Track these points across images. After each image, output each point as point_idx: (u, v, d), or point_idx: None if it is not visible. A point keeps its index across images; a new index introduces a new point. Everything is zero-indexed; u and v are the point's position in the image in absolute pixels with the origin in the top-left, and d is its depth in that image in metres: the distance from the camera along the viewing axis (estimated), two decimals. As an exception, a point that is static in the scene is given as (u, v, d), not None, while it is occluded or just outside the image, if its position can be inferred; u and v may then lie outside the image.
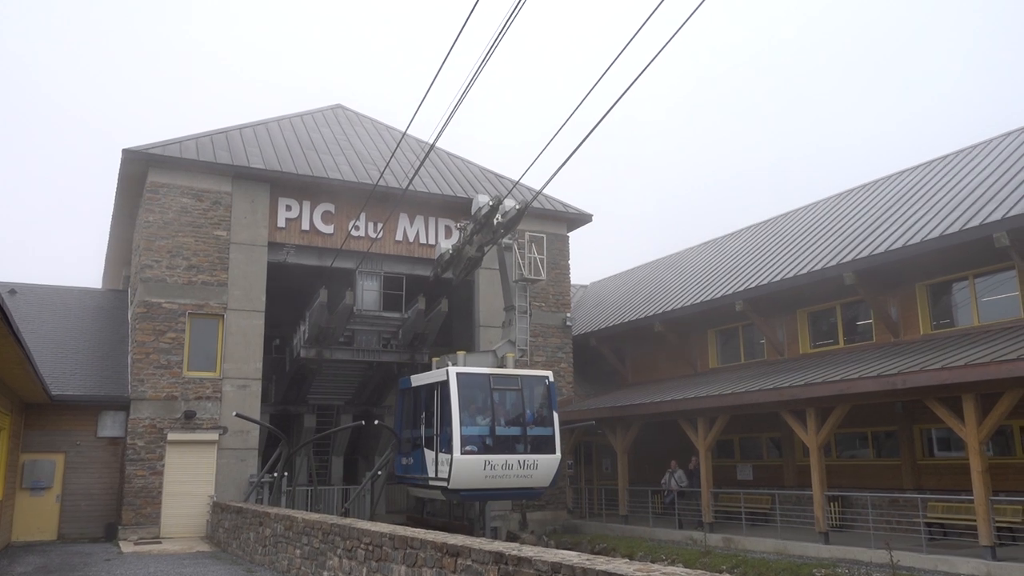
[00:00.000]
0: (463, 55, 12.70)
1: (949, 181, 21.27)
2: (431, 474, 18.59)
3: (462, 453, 17.63)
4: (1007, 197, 17.82)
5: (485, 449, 17.97)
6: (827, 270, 20.88)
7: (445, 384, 18.41)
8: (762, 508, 21.84)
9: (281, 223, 23.83)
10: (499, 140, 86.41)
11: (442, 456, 18.03)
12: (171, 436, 21.21)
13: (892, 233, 20.26)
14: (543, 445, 18.77)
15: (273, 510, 15.85)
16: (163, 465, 21.05)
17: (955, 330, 19.20)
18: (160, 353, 21.49)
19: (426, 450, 18.98)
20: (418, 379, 20.40)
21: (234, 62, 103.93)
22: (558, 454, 19.02)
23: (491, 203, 18.83)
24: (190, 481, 21.30)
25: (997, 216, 17.12)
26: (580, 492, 27.92)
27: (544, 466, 18.60)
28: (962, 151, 23.08)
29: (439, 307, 23.84)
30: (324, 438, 25.13)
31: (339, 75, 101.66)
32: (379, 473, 22.20)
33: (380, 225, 24.34)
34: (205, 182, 22.78)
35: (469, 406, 18.24)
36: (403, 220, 25.36)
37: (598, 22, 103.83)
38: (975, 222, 17.58)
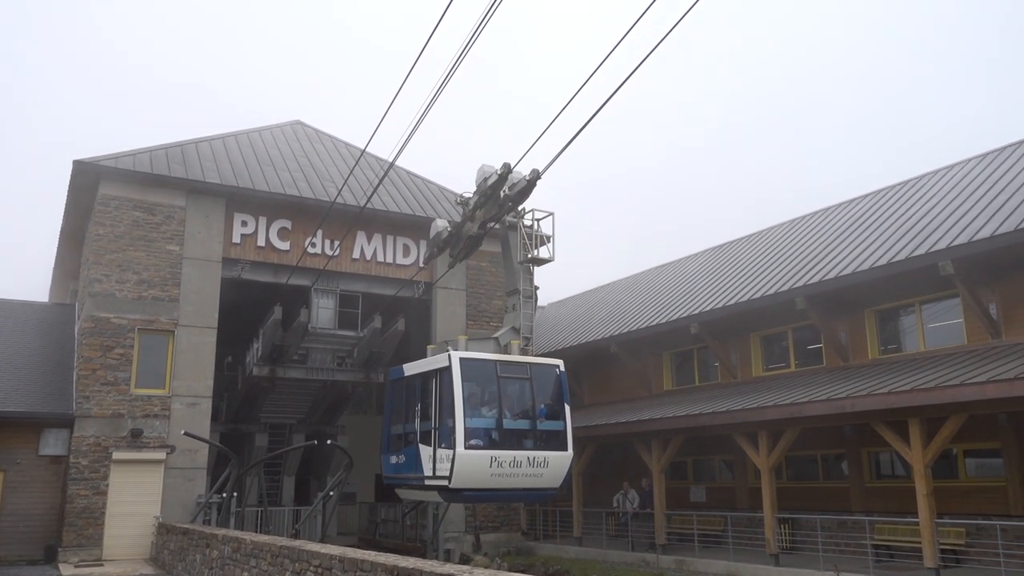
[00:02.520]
0: (428, 71, 12.74)
1: (897, 210, 21.83)
2: (428, 473, 16.31)
3: (466, 448, 15.43)
4: (952, 227, 18.34)
5: (491, 444, 15.84)
6: (779, 295, 21.24)
7: (446, 371, 16.11)
8: (715, 530, 21.99)
9: (236, 239, 23.53)
10: (464, 158, 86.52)
11: (442, 452, 15.81)
12: (116, 455, 20.66)
13: (842, 260, 20.70)
14: (554, 441, 16.70)
15: (220, 531, 15.51)
16: (107, 485, 20.49)
17: (902, 355, 19.64)
18: (107, 369, 20.99)
19: (422, 446, 16.68)
20: (413, 367, 18.00)
21: (193, 77, 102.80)
22: (570, 451, 16.91)
23: (500, 171, 16.26)
24: (135, 501, 20.76)
25: (942, 245, 17.61)
26: (534, 514, 27.82)
27: (555, 464, 16.56)
28: (909, 181, 23.73)
29: (396, 326, 23.72)
30: (276, 458, 24.72)
31: (299, 91, 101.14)
32: (331, 494, 21.87)
33: (337, 243, 24.17)
34: (158, 196, 22.41)
35: (473, 396, 16.15)
36: (360, 238, 25.21)
37: (574, 33, 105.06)
38: (921, 250, 18.05)
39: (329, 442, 22.64)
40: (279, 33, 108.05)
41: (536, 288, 18.41)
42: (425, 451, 16.66)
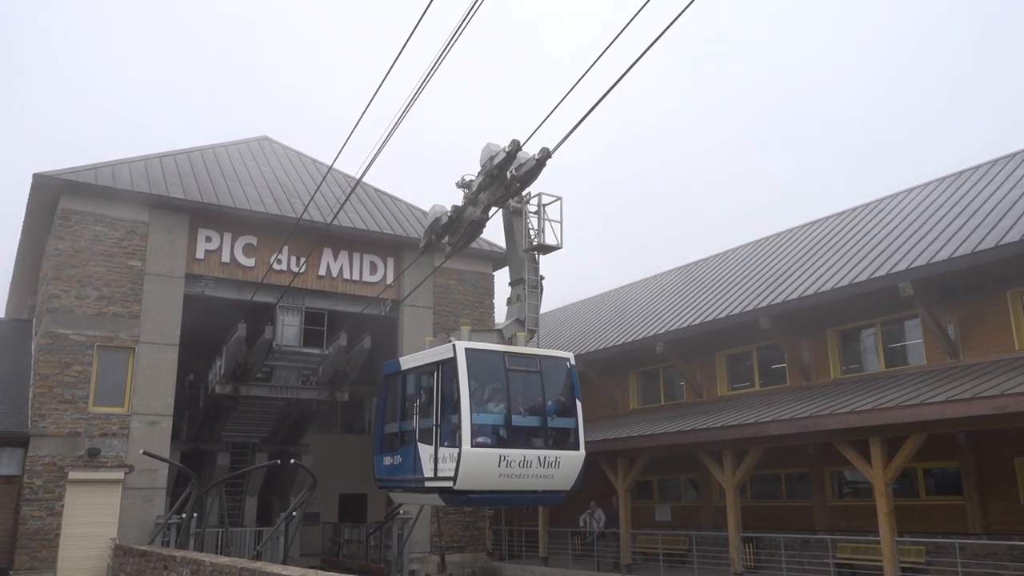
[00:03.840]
0: (402, 86, 12.73)
1: (859, 232, 22.23)
2: (428, 473, 14.94)
3: (473, 445, 14.08)
4: (911, 249, 18.72)
5: (499, 442, 14.56)
6: (744, 314, 21.46)
7: (451, 363, 14.74)
8: (680, 549, 22.02)
9: (200, 255, 23.22)
10: (436, 173, 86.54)
11: (445, 451, 14.49)
12: (72, 475, 20.16)
13: (806, 280, 21.00)
14: (565, 439, 15.42)
15: (179, 553, 15.19)
16: (62, 505, 19.97)
17: (864, 375, 19.92)
18: (64, 387, 20.52)
19: (421, 445, 15.31)
20: (411, 360, 16.59)
21: (157, 90, 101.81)
22: (583, 451, 15.51)
23: (507, 149, 14.88)
24: (91, 523, 20.24)
25: (902, 267, 17.95)
26: (500, 533, 27.65)
27: (567, 464, 15.23)
28: (871, 203, 24.20)
29: (362, 343, 23.53)
30: (237, 477, 24.31)
31: (267, 107, 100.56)
32: (294, 514, 21.54)
33: (303, 259, 23.97)
34: (121, 210, 22.06)
35: (480, 390, 14.83)
36: (327, 255, 25.03)
37: (570, 33, 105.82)
38: (882, 272, 18.38)
39: (293, 461, 22.31)
40: (245, 47, 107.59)
41: (542, 278, 17.13)
42: (425, 450, 15.21)
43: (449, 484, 14.38)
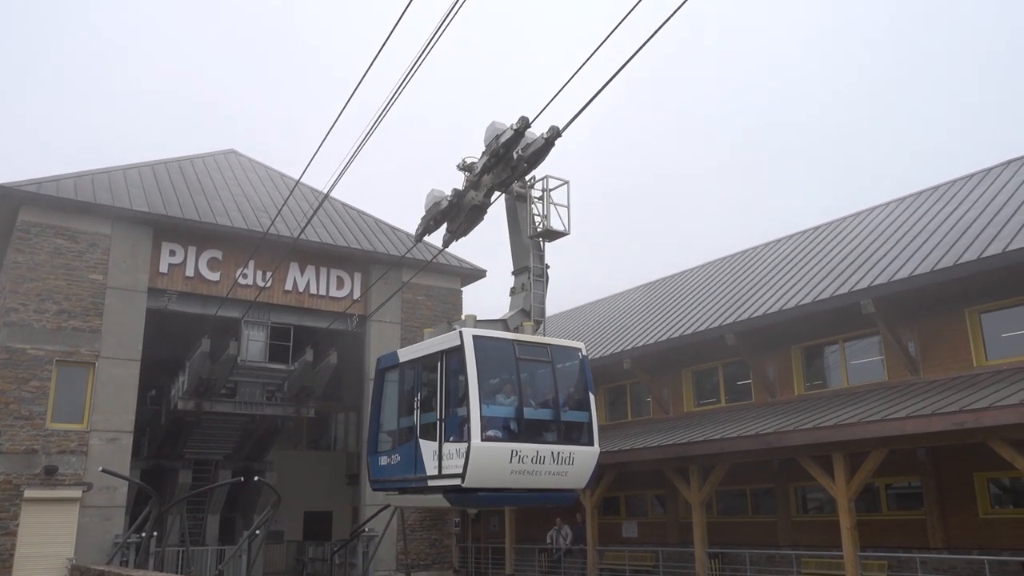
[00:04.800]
0: (368, 100, 12.70)
1: (822, 250, 22.58)
2: (431, 472, 13.81)
3: (483, 439, 12.99)
4: (873, 267, 19.05)
5: (510, 436, 13.51)
6: (710, 331, 21.65)
7: (457, 351, 13.63)
8: (646, 565, 22.04)
9: (163, 268, 22.91)
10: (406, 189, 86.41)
11: (451, 446, 13.41)
12: (28, 493, 19.67)
13: (770, 297, 21.26)
14: (578, 434, 14.40)
15: (139, 573, 14.89)
16: (17, 525, 19.46)
17: (827, 391, 20.17)
18: (21, 403, 20.06)
19: (422, 441, 14.20)
20: (411, 351, 15.41)
21: (124, 100, 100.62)
22: (597, 447, 14.47)
23: (515, 126, 13.86)
24: (47, 542, 19.75)
25: (864, 284, 18.25)
26: (467, 551, 27.47)
27: (581, 461, 14.17)
28: (833, 222, 24.62)
29: (328, 359, 23.33)
30: (200, 495, 23.92)
31: (236, 119, 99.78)
32: (257, 532, 21.22)
33: (269, 274, 23.75)
34: (82, 223, 21.71)
35: (489, 380, 13.76)
36: (293, 269, 24.83)
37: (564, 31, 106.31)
38: (844, 289, 18.67)
39: (256, 479, 22.01)
40: (212, 58, 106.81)
41: (547, 266, 16.06)
42: (427, 447, 14.05)
43: (456, 482, 13.20)
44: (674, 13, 8.24)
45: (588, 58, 9.15)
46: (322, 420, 31.74)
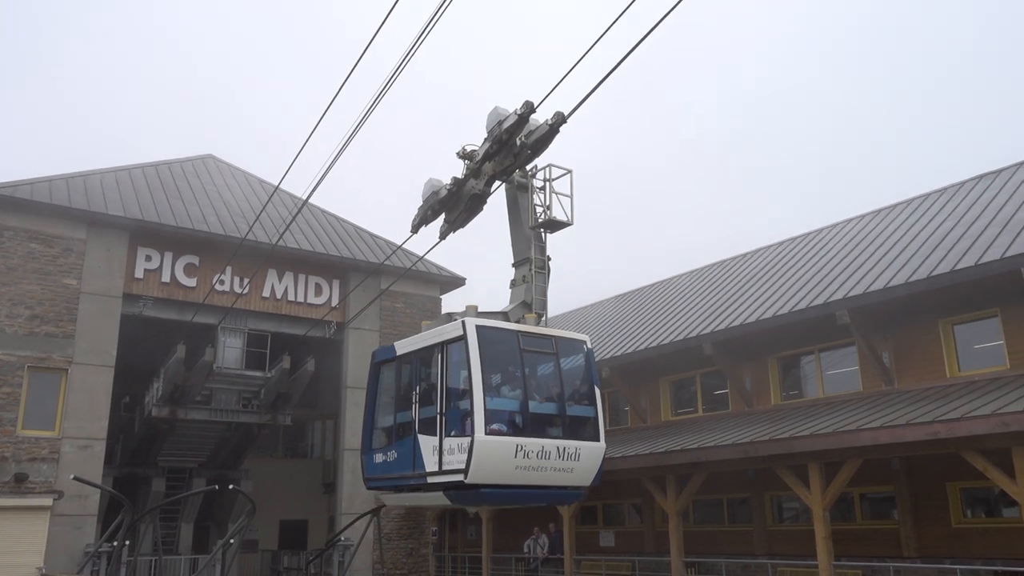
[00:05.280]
0: (353, 104, 12.67)
1: (800, 261, 22.79)
2: (431, 468, 13.33)
3: (487, 433, 12.54)
4: (848, 278, 19.25)
5: (515, 430, 13.05)
6: (688, 340, 21.76)
7: (459, 342, 13.19)
8: (623, 575, 22.04)
9: (139, 274, 22.68)
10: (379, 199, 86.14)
11: (452, 441, 12.95)
12: (-3, 501, 19.36)
13: (747, 308, 21.41)
14: (585, 429, 13.94)
15: (109, 583, 14.65)
16: (-14, 533, 19.13)
17: (803, 401, 20.33)
18: (-9, 409, 19.75)
19: (421, 437, 13.73)
20: (409, 343, 14.86)
21: (96, 106, 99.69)
22: (603, 442, 14.09)
23: (519, 111, 13.38)
24: (17, 551, 19.41)
25: (839, 296, 18.43)
26: (443, 560, 27.34)
27: (588, 457, 13.72)
28: (810, 233, 24.86)
29: (305, 367, 23.18)
30: (173, 503, 23.63)
31: (215, 125, 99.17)
32: (231, 541, 20.99)
33: (247, 280, 23.57)
34: (57, 227, 21.45)
35: (493, 372, 13.29)
36: (271, 276, 24.67)
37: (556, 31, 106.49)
38: (820, 300, 18.85)
39: (231, 487, 21.78)
40: (191, 61, 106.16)
41: (548, 258, 15.55)
42: (427, 442, 13.54)
43: (458, 478, 12.66)
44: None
45: (596, 41, 8.93)
46: (299, 428, 31.51)
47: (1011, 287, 15.87)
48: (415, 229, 16.12)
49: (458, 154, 15.17)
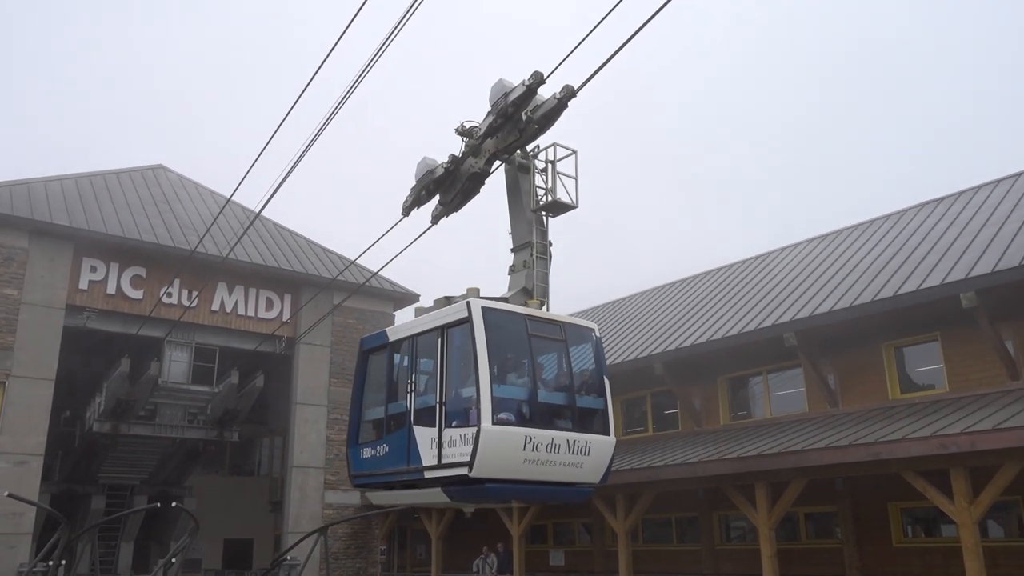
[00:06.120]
0: (307, 117, 12.59)
1: (749, 283, 23.19)
2: (428, 462, 12.23)
3: (495, 423, 11.50)
4: (796, 301, 19.64)
5: (523, 421, 11.99)
6: (639, 360, 21.94)
7: (463, 325, 12.20)
8: (572, 594, 22.03)
9: (83, 285, 22.15)
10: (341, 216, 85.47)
11: (454, 432, 11.92)
12: (-74, 518, 18.63)
13: (699, 328, 21.68)
14: (594, 422, 13.04)
15: (43, 604, 14.17)
16: (-88, 552, 18.39)
17: (751, 421, 20.62)
18: (-78, 423, 19.04)
19: (417, 428, 12.67)
20: (404, 328, 13.77)
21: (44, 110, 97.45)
22: (613, 436, 13.13)
23: (527, 82, 12.43)
24: (-55, 571, 18.71)
25: (787, 318, 18.79)
26: (392, 580, 27.02)
27: (598, 452, 12.78)
28: (760, 256, 25.34)
29: (254, 382, 22.86)
30: (113, 521, 22.98)
31: (163, 133, 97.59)
32: (173, 561, 20.46)
33: (195, 293, 23.17)
34: (-2, 235, 20.89)
35: (500, 358, 12.17)
36: (221, 289, 24.30)
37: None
38: (768, 322, 19.19)
39: (174, 504, 21.27)
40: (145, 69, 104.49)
41: (550, 243, 14.65)
42: (423, 434, 12.48)
43: (461, 471, 11.67)
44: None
45: (607, 14, 8.55)
46: (246, 445, 30.95)
47: (951, 312, 16.34)
48: (407, 212, 14.94)
49: (456, 130, 14.07)
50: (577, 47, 8.84)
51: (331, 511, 24.80)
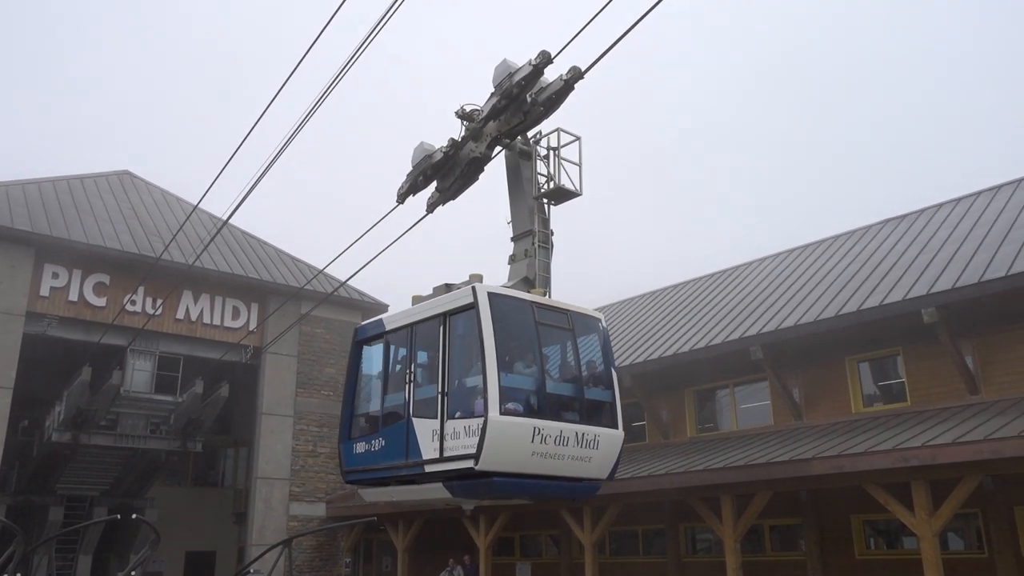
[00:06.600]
0: (277, 125, 12.49)
1: (717, 296, 23.41)
2: (429, 455, 11.69)
3: (502, 413, 11.04)
4: (763, 314, 19.85)
5: (531, 412, 11.55)
6: (607, 372, 22.00)
7: (468, 311, 11.74)
8: (538, 607, 21.95)
9: (44, 292, 21.77)
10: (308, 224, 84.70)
11: (458, 424, 11.43)
12: None
13: (666, 341, 21.82)
14: (602, 415, 12.61)
15: (-4, 618, 13.81)
16: None
17: (717, 434, 20.76)
18: None
19: (417, 420, 12.15)
20: (402, 316, 13.14)
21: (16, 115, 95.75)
22: (622, 430, 12.75)
23: (535, 61, 12.01)
24: None
25: (753, 332, 18.98)
26: (357, 593, 26.73)
27: (606, 445, 12.38)
28: (728, 270, 25.60)
29: (219, 391, 22.58)
30: (71, 533, 22.52)
31: (134, 142, 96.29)
32: (132, 573, 20.07)
33: (160, 301, 22.86)
34: (-44, 240, 20.46)
35: (507, 346, 11.72)
36: (187, 298, 24.00)
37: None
38: (735, 336, 19.36)
39: (134, 516, 20.85)
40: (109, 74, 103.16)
41: (551, 232, 14.19)
42: (423, 426, 11.92)
43: (465, 465, 11.10)
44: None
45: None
46: (210, 455, 30.51)
47: (912, 328, 16.61)
48: (401, 199, 14.34)
49: (456, 114, 13.63)
50: (587, 25, 8.51)
51: (296, 523, 24.53)
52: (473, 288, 11.45)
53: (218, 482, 32.42)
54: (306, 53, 9.94)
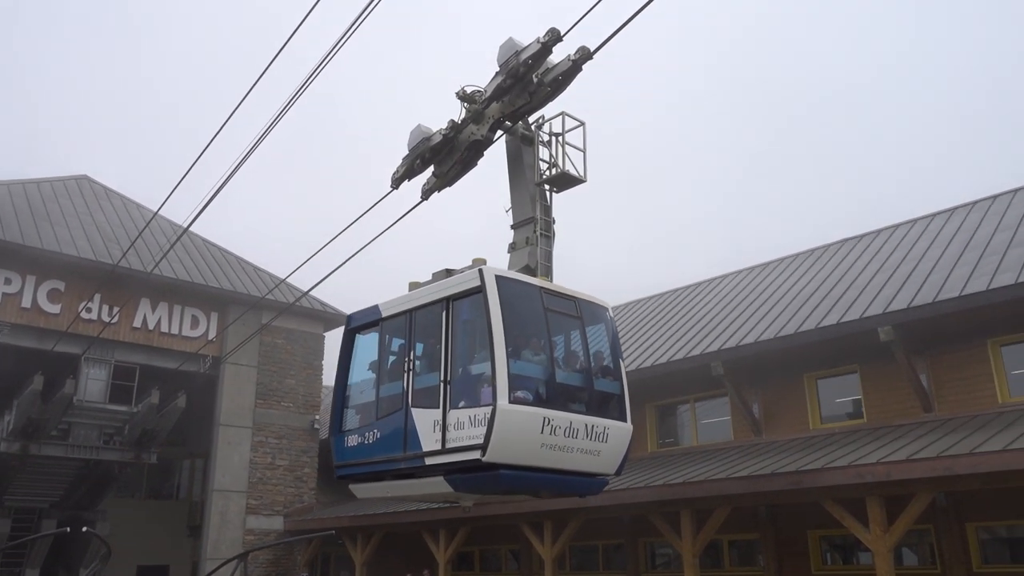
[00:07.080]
0: (243, 131, 12.34)
1: (680, 312, 23.59)
2: (430, 447, 10.89)
3: (511, 401, 10.32)
4: (724, 330, 20.04)
5: (540, 401, 10.89)
6: (570, 387, 22.02)
7: (475, 295, 11.06)
8: (497, 622, 21.80)
9: (-4, 297, 21.24)
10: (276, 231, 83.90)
11: (461, 413, 10.70)
12: None
13: (628, 355, 21.91)
14: (611, 407, 12.00)
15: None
16: None
17: (678, 449, 20.87)
18: None
19: (416, 410, 11.41)
20: (400, 302, 12.24)
21: None
22: (630, 423, 12.19)
23: (543, 39, 11.48)
24: None
25: (714, 348, 19.14)
26: (314, 608, 26.32)
27: (615, 439, 11.78)
28: (691, 285, 25.84)
29: (175, 402, 22.18)
30: (18, 547, 21.89)
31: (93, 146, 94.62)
32: (82, 588, 19.59)
33: (116, 309, 22.41)
34: (-96, 243, 19.91)
35: (515, 332, 10.98)
36: (144, 305, 23.58)
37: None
38: (696, 351, 19.52)
39: (85, 529, 20.37)
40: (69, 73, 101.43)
41: (553, 220, 13.63)
42: (424, 417, 11.20)
43: (470, 456, 10.38)
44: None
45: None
46: (165, 467, 29.91)
47: (869, 346, 16.87)
48: (396, 184, 13.73)
49: (457, 95, 12.96)
50: (598, 3, 8.17)
51: (252, 536, 24.13)
52: (480, 271, 10.83)
53: (173, 494, 31.78)
54: (278, 53, 9.86)
